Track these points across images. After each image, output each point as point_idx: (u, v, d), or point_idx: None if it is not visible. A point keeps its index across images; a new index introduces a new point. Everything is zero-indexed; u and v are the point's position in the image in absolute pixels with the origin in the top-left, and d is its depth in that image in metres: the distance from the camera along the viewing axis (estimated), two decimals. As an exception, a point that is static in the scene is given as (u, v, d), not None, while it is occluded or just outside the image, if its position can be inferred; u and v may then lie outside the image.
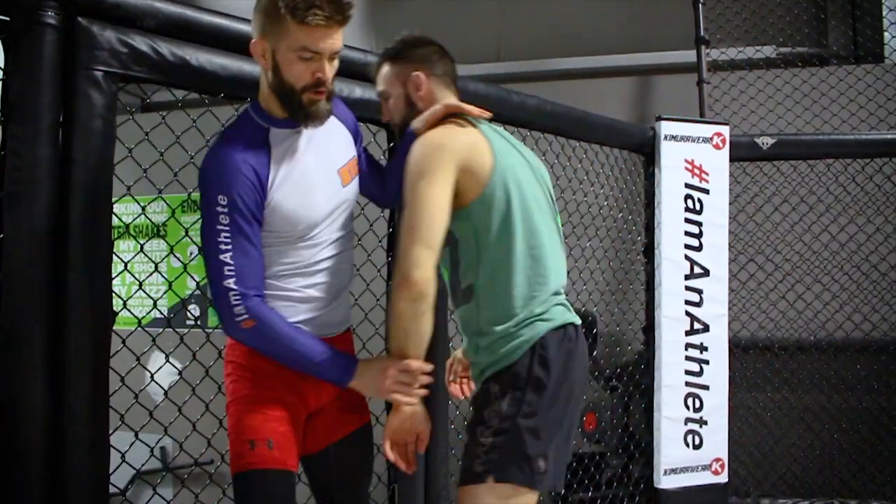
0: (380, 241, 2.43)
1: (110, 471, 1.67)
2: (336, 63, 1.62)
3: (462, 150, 1.65)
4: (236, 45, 1.89)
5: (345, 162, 1.75)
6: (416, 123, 1.79)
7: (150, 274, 2.14)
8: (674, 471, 3.33)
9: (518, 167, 1.74)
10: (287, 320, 1.60)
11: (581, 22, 4.76)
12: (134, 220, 2.18)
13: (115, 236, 1.74)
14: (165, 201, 2.29)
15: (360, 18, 5.12)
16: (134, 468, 1.89)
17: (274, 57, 1.58)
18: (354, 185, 1.78)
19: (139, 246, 2.01)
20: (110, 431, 1.67)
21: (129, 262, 1.90)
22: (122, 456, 1.80)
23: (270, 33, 1.56)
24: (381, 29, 5.03)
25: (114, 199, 1.68)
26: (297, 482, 1.68)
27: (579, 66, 4.66)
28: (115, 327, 1.72)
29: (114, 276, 1.70)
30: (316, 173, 1.67)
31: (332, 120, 1.72)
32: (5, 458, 1.57)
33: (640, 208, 3.52)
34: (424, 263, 1.55)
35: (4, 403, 1.57)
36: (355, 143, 1.84)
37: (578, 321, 1.76)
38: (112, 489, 1.69)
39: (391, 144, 2.35)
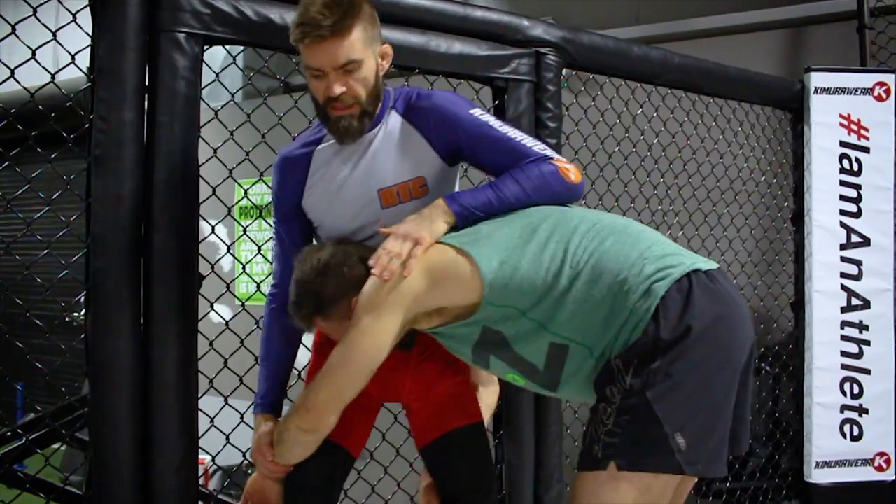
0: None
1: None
2: (362, 73, 1.48)
3: None
4: None
5: (394, 182, 1.57)
6: None
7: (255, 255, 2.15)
8: (827, 464, 3.00)
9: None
10: (278, 332, 1.68)
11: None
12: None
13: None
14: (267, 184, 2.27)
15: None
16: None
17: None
18: (405, 207, 1.56)
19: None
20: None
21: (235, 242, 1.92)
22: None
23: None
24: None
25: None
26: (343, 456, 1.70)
27: (723, 24, 4.29)
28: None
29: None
30: (348, 188, 1.59)
31: (404, 133, 1.58)
32: (100, 415, 1.61)
33: (788, 171, 3.17)
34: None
35: (98, 360, 1.61)
36: (440, 148, 1.58)
37: (711, 265, 1.45)
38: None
39: (496, 102, 2.22)
